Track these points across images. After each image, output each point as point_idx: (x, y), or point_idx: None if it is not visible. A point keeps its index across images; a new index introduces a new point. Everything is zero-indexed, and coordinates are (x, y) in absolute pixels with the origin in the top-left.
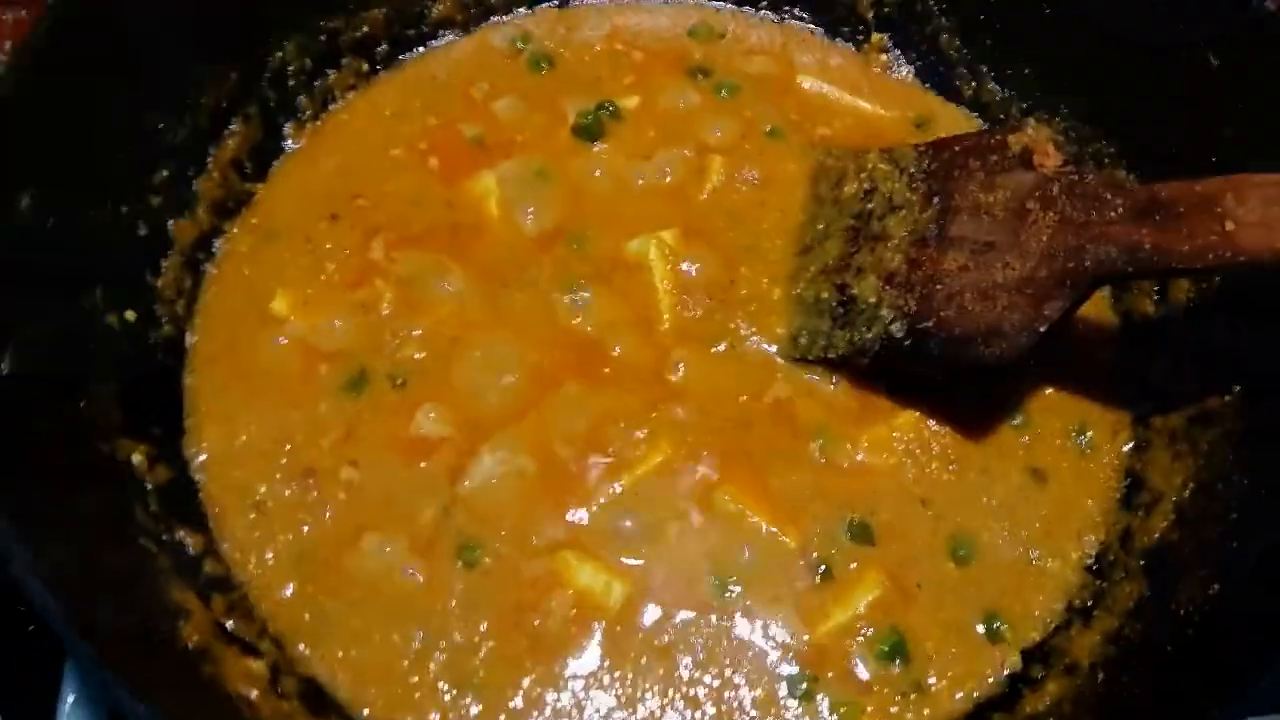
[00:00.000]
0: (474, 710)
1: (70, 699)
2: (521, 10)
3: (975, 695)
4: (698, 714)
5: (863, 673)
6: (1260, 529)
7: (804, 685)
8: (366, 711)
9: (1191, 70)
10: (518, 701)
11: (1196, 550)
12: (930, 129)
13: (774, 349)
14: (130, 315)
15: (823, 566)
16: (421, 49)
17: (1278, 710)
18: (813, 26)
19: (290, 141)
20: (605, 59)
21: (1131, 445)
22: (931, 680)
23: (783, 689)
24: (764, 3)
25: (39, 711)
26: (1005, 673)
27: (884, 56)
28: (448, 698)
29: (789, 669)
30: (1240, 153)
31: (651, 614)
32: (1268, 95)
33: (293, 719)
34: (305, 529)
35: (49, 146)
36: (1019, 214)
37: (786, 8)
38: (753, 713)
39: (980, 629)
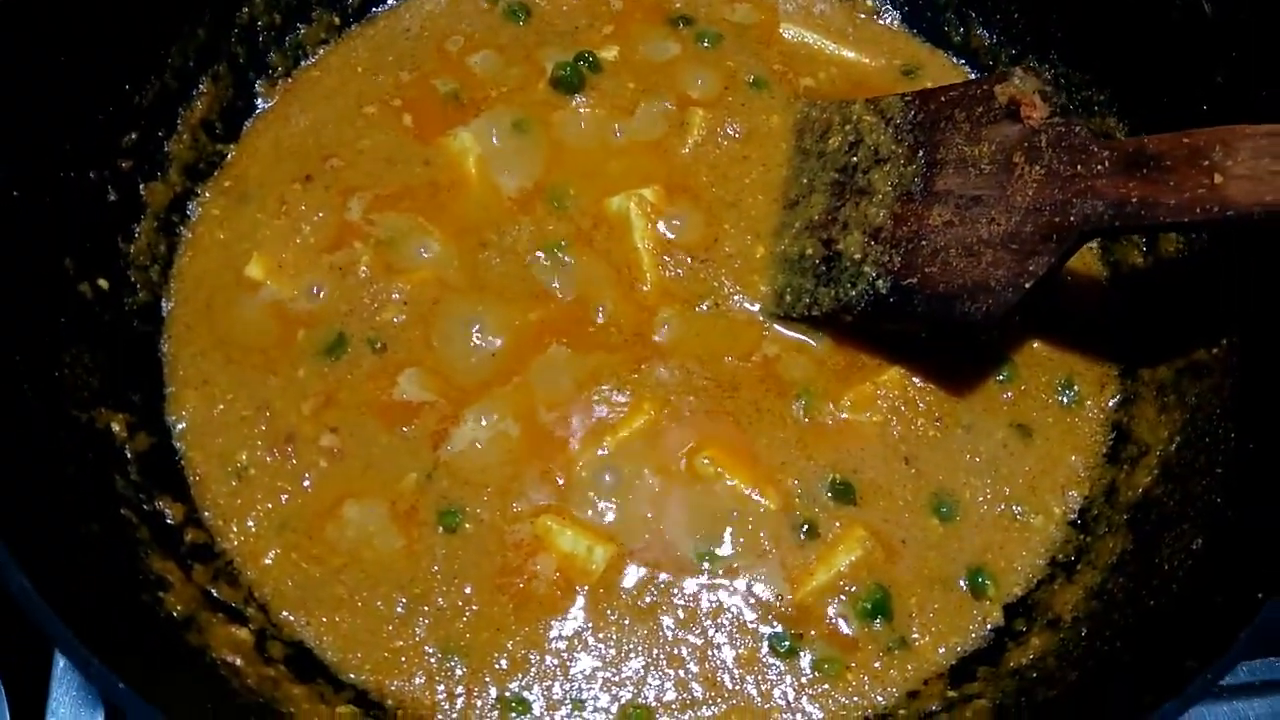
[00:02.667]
0: (459, 672)
1: (64, 660)
2: None
3: (959, 649)
4: (681, 672)
5: (846, 629)
6: (1247, 484)
7: (787, 643)
8: (353, 675)
9: (1184, 17)
10: (503, 663)
11: (1181, 505)
12: (918, 78)
13: (758, 307)
14: (103, 283)
15: (806, 526)
16: (393, 1)
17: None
18: None
19: (262, 100)
20: (583, 8)
21: (1118, 399)
22: (915, 635)
23: (765, 647)
24: None
25: (34, 671)
26: (989, 627)
27: (870, 1)
28: (433, 660)
29: (772, 627)
30: (1232, 100)
31: (634, 576)
32: (1260, 42)
33: (279, 684)
34: (286, 497)
35: (11, 111)
36: (1005, 167)
37: None
38: (736, 671)
39: (964, 584)
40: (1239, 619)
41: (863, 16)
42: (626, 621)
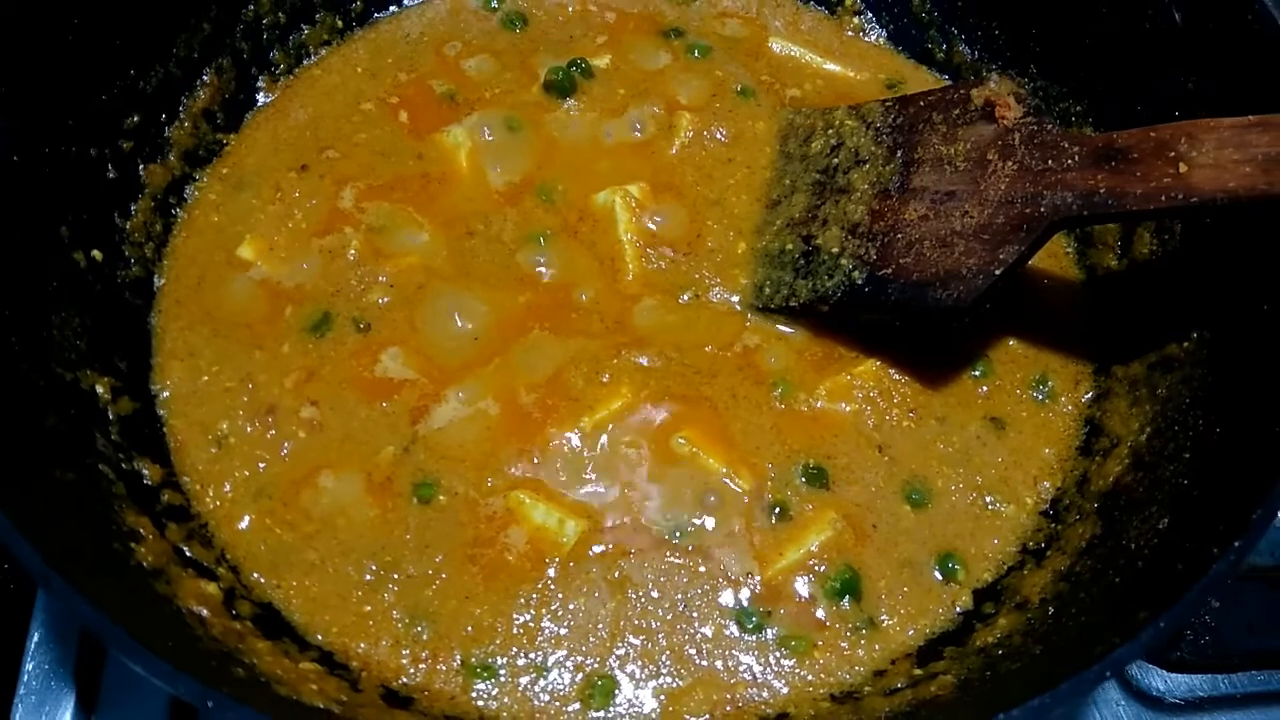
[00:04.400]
0: (425, 636)
1: (36, 636)
2: None
3: (927, 631)
4: (649, 645)
5: (814, 608)
6: (1214, 466)
7: (754, 619)
8: (320, 637)
9: (1156, 27)
10: (469, 630)
11: (1150, 490)
12: (901, 91)
13: (738, 299)
14: (97, 254)
15: (778, 508)
16: (395, 8)
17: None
18: None
19: (263, 94)
20: (578, 19)
21: (1091, 394)
22: (884, 617)
23: (733, 623)
24: None
25: (6, 648)
26: (957, 610)
27: (856, 20)
28: (400, 625)
29: (740, 604)
30: (1204, 106)
31: (605, 551)
32: (1230, 49)
33: (244, 639)
34: (264, 465)
35: (18, 83)
36: (979, 164)
37: None
38: (703, 645)
39: (934, 569)
40: (1193, 574)
41: (849, 34)
42: (595, 594)
